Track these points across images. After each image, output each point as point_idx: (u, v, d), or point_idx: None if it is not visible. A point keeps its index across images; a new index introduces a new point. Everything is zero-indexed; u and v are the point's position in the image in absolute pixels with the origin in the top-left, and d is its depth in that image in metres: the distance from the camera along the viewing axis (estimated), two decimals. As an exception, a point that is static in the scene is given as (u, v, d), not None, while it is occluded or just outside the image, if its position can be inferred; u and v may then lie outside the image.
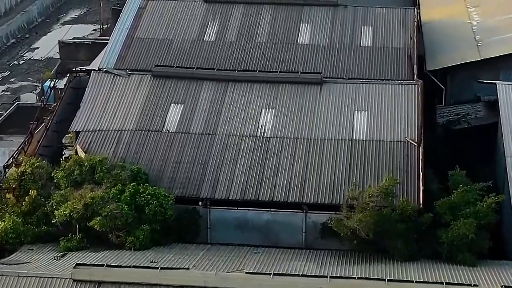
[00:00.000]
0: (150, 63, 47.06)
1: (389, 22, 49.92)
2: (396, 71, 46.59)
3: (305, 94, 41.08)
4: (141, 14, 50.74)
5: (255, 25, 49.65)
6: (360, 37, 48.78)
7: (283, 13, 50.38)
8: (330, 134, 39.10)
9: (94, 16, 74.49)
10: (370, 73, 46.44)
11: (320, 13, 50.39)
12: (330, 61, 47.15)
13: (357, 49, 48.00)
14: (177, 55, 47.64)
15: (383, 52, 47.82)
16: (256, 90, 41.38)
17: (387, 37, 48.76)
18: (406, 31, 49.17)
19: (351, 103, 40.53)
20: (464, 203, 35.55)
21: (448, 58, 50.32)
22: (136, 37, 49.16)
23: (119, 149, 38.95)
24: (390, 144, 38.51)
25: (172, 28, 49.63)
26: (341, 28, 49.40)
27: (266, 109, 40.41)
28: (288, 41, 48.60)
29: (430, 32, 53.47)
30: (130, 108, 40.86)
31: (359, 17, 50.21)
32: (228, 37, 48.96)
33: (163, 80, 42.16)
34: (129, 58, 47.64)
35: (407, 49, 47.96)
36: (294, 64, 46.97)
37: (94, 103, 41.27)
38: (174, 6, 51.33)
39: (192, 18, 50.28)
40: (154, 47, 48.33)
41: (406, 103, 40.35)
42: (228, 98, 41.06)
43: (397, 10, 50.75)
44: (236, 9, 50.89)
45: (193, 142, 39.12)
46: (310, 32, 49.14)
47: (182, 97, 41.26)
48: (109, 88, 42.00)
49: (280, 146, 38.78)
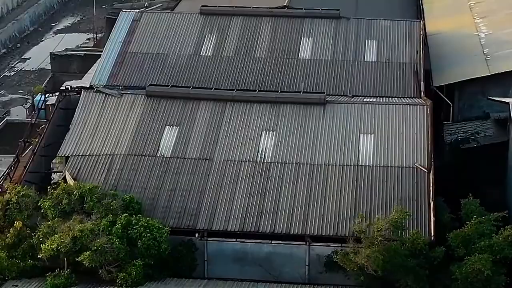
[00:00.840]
0: (144, 80, 44.65)
1: (394, 35, 47.43)
2: (402, 88, 44.17)
3: (307, 115, 38.51)
4: (135, 27, 48.24)
5: (254, 39, 47.15)
6: (364, 52, 46.30)
7: (283, 26, 47.89)
8: (335, 159, 36.53)
9: (88, 24, 71.85)
10: (375, 90, 44.02)
11: (322, 26, 47.90)
12: (332, 77, 44.70)
13: (361, 65, 45.54)
14: (173, 71, 45.19)
15: (388, 67, 45.37)
16: (255, 111, 38.79)
17: (392, 52, 46.28)
18: (412, 45, 46.70)
19: (356, 125, 37.96)
20: (478, 236, 33.04)
21: (456, 73, 47.73)
22: (129, 51, 46.67)
23: (110, 176, 36.38)
24: (398, 170, 35.94)
25: (168, 42, 47.13)
26: (344, 42, 46.92)
27: (266, 132, 37.85)
28: (288, 55, 46.11)
29: (436, 44, 50.87)
30: (123, 130, 38.27)
31: (363, 30, 47.72)
32: (226, 52, 46.46)
33: (157, 100, 39.56)
34: (122, 74, 45.20)
35: (413, 64, 45.52)
36: (295, 80, 44.55)
37: (85, 125, 38.68)
38: (169, 19, 48.85)
39: (189, 31, 47.79)
40: (149, 63, 45.87)
41: (415, 126, 37.79)
42: (226, 120, 38.48)
43: (402, 23, 48.28)
44: (234, 21, 48.38)
45: (189, 168, 36.54)
46: (311, 47, 46.65)
47: (178, 119, 38.69)
48: (101, 109, 39.41)
49: (282, 172, 36.20)
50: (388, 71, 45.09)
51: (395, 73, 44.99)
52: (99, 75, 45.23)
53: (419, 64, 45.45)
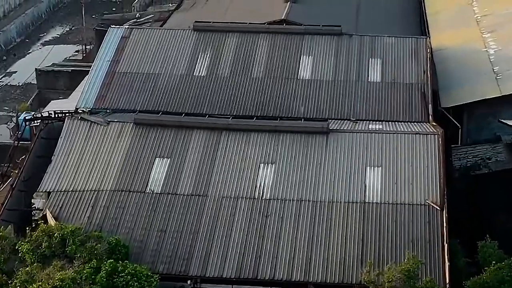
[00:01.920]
0: (134, 102, 41.32)
1: (399, 53, 44.09)
2: (408, 111, 40.83)
3: (309, 145, 35.18)
4: (124, 45, 44.83)
5: (251, 57, 43.76)
6: (367, 71, 42.94)
7: (281, 43, 44.48)
8: (339, 195, 33.20)
9: (77, 35, 68.27)
10: (380, 114, 40.68)
11: (322, 44, 44.53)
12: (334, 99, 41.33)
13: (365, 85, 42.18)
14: (164, 93, 41.78)
15: (394, 88, 42.03)
16: (253, 141, 35.43)
17: (397, 71, 42.93)
18: (419, 64, 43.37)
19: (362, 157, 34.62)
20: (498, 283, 29.86)
21: (465, 93, 44.44)
22: (118, 71, 43.27)
23: (95, 214, 33.00)
24: (408, 208, 32.64)
25: (159, 61, 43.73)
26: (346, 60, 43.55)
27: (264, 165, 34.52)
28: (287, 75, 42.74)
29: (443, 60, 47.54)
30: (109, 163, 34.89)
31: (366, 48, 44.36)
32: (221, 71, 43.08)
33: (146, 129, 36.18)
34: (110, 97, 41.80)
35: (420, 85, 42.20)
36: (294, 103, 41.15)
37: (68, 157, 35.30)
38: (160, 35, 45.42)
39: (181, 49, 44.38)
40: (138, 83, 42.46)
41: (425, 157, 34.46)
42: (221, 151, 35.12)
43: (408, 40, 44.92)
44: (230, 38, 44.99)
45: (181, 206, 33.17)
46: (312, 66, 43.30)
47: (168, 150, 35.31)
48: (85, 139, 36.01)
49: (282, 210, 32.85)
50: (394, 93, 41.77)
51: (401, 95, 41.67)
52: (86, 98, 41.87)
53: (427, 85, 42.13)
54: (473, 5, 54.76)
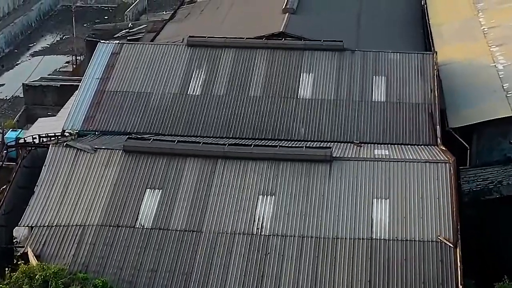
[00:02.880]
0: (124, 124, 38.82)
1: (404, 70, 41.45)
2: (415, 134, 38.25)
3: (311, 175, 32.44)
4: (114, 62, 42.17)
5: (249, 75, 41.11)
6: (371, 90, 40.32)
7: (280, 60, 41.82)
8: (344, 231, 30.48)
9: (68, 45, 65.44)
10: (385, 136, 38.11)
11: (323, 60, 41.87)
12: (337, 121, 38.75)
13: (369, 106, 39.57)
14: (156, 114, 39.19)
15: (399, 109, 39.42)
16: (251, 170, 32.68)
17: (403, 90, 40.31)
18: (425, 82, 40.74)
19: (368, 188, 31.90)
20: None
21: (474, 112, 41.77)
22: (107, 90, 40.65)
23: (81, 252, 30.23)
24: (419, 245, 29.92)
25: (151, 78, 41.07)
26: (348, 78, 40.91)
27: (263, 197, 31.80)
28: (287, 94, 40.12)
29: (449, 77, 44.85)
30: (96, 195, 32.12)
31: (370, 64, 41.70)
32: (217, 90, 40.44)
33: (136, 157, 33.41)
34: (99, 117, 39.23)
35: (427, 104, 39.59)
36: (294, 124, 38.61)
37: (52, 189, 32.55)
38: (153, 51, 42.73)
39: (174, 66, 41.72)
40: (129, 103, 39.86)
41: (436, 189, 31.74)
42: (217, 182, 32.37)
43: (413, 56, 42.26)
44: (226, 54, 42.31)
45: (174, 243, 30.41)
46: (312, 84, 40.65)
47: (160, 180, 32.58)
48: (71, 168, 33.24)
49: (282, 248, 30.10)
50: (399, 114, 39.16)
51: (407, 115, 39.07)
52: (73, 119, 39.33)
53: (434, 105, 39.53)
54: (479, 16, 52.15)
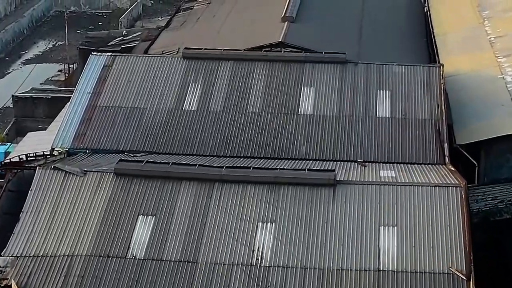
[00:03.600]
0: (116, 141, 36.81)
1: (409, 84, 39.39)
2: (422, 152, 36.21)
3: (314, 201, 30.38)
4: (106, 75, 40.13)
5: (247, 89, 39.07)
6: (375, 105, 38.28)
7: (280, 73, 39.78)
8: (350, 262, 28.39)
9: (61, 53, 63.27)
10: (391, 155, 36.08)
11: (325, 73, 39.81)
12: (339, 138, 36.69)
13: (373, 122, 37.52)
14: (150, 131, 37.15)
15: (405, 125, 37.38)
16: (250, 195, 30.60)
17: (408, 105, 38.27)
18: (432, 96, 38.70)
19: (374, 214, 29.83)
20: None
21: (482, 128, 39.71)
22: (99, 105, 38.61)
23: (68, 285, 28.08)
24: (429, 278, 27.84)
25: (145, 93, 39.03)
26: (352, 93, 38.86)
27: (263, 224, 29.73)
28: (287, 110, 38.07)
29: (456, 89, 42.78)
30: (85, 222, 30.02)
31: (374, 78, 39.66)
32: (214, 105, 38.40)
33: (128, 180, 31.31)
34: (90, 135, 37.20)
35: (434, 120, 37.57)
36: (295, 142, 36.57)
37: (38, 215, 30.46)
38: (147, 64, 40.66)
39: (169, 79, 39.67)
40: (122, 119, 37.81)
41: (447, 216, 29.66)
42: (213, 207, 30.31)
43: (419, 69, 40.18)
44: (223, 67, 40.26)
45: (167, 275, 28.28)
46: (313, 99, 38.60)
47: (154, 206, 30.49)
48: (59, 193, 31.12)
49: (283, 280, 27.95)
50: (405, 130, 37.13)
51: (413, 132, 37.03)
52: (63, 136, 37.32)
53: (441, 121, 37.50)
54: (485, 24, 50.11)
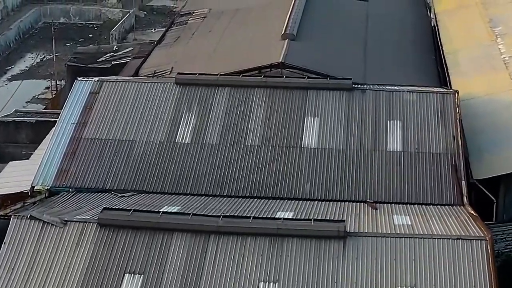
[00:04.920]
0: (102, 179, 33.35)
1: (422, 114, 35.82)
2: (437, 191, 32.71)
3: (321, 256, 26.75)
4: (93, 103, 36.56)
5: (245, 119, 35.53)
6: (386, 138, 34.71)
7: (281, 101, 36.24)
8: (363, 330, 24.95)
9: (49, 68, 59.48)
10: (403, 194, 32.61)
11: (330, 101, 36.27)
12: (347, 175, 33.18)
13: (383, 156, 33.98)
14: (139, 167, 33.64)
15: (418, 160, 33.83)
16: (249, 250, 26.94)
17: (421, 137, 34.71)
18: (447, 127, 35.15)
19: (390, 273, 26.15)
20: None
21: (501, 160, 36.22)
22: (84, 137, 35.05)
23: None
24: None
25: (134, 123, 35.47)
26: (360, 123, 35.30)
27: (264, 284, 26.14)
28: (289, 143, 34.52)
29: (470, 116, 39.19)
30: (64, 281, 26.38)
31: (383, 106, 36.09)
32: (209, 138, 34.84)
33: (114, 232, 27.63)
34: (74, 171, 33.66)
35: (450, 155, 34.02)
36: (298, 179, 33.10)
37: (13, 272, 26.80)
38: (137, 90, 37.08)
39: (161, 108, 36.12)
40: (108, 154, 34.27)
41: (472, 274, 26.09)
42: (209, 264, 26.59)
43: (432, 96, 36.59)
44: (220, 94, 36.69)
45: None
46: (318, 130, 35.05)
47: (142, 262, 26.81)
48: (36, 246, 27.40)
49: None
50: (418, 166, 33.60)
51: (427, 168, 33.51)
52: (44, 173, 33.80)
53: (458, 155, 33.96)
54: (497, 42, 46.51)
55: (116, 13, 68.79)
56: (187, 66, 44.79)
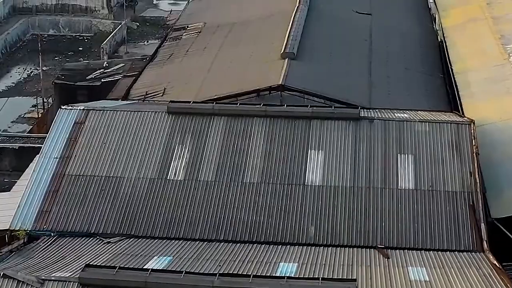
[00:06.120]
0: (86, 222, 30.22)
1: (435, 146, 32.59)
2: (454, 235, 29.61)
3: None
4: (77, 134, 33.31)
5: (243, 153, 32.31)
6: (397, 174, 31.47)
7: (282, 132, 33.02)
8: None
9: (36, 83, 56.10)
10: (416, 239, 29.49)
11: (336, 132, 33.03)
12: (355, 217, 30.05)
13: (394, 195, 30.79)
14: (127, 207, 30.52)
15: (432, 199, 30.65)
16: (249, 314, 23.81)
17: (435, 174, 31.49)
18: (463, 162, 31.92)
19: None
20: None
21: (521, 197, 33.08)
22: (67, 173, 31.84)
23: None
24: None
25: (122, 158, 32.25)
26: (368, 157, 32.08)
27: None
28: (291, 180, 31.31)
29: (485, 145, 35.60)
30: None
31: (393, 138, 32.82)
32: (204, 174, 31.63)
33: (98, 292, 24.50)
34: (56, 213, 30.53)
35: (467, 193, 30.83)
36: (301, 221, 29.96)
37: None
38: (126, 121, 33.81)
39: (152, 141, 32.89)
40: (94, 192, 31.10)
41: None
42: (204, 331, 23.51)
43: (446, 126, 33.35)
44: (215, 124, 33.45)
45: None
46: (323, 165, 31.82)
47: (128, 330, 23.69)
48: (9, 309, 24.32)
49: None
50: (432, 206, 30.42)
51: (442, 208, 30.34)
52: (23, 214, 30.66)
53: (476, 194, 30.77)
54: (510, 61, 43.30)
55: (107, 24, 65.42)
56: (180, 88, 41.81)
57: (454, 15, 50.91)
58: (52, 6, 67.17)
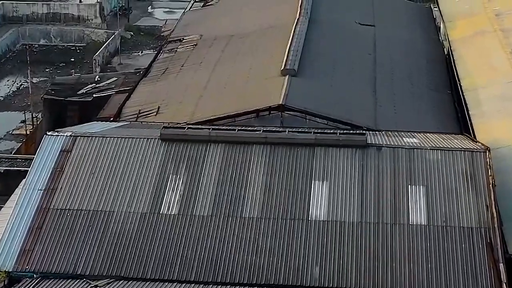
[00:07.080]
0: (72, 262, 27.77)
1: (448, 176, 30.04)
2: (470, 276, 27.10)
3: None
4: (64, 163, 30.79)
5: (242, 185, 29.78)
6: (407, 208, 28.96)
7: (284, 161, 30.49)
8: None
9: (26, 97, 53.49)
10: (430, 281, 26.99)
11: (342, 161, 30.49)
12: (363, 256, 27.56)
13: (405, 231, 28.29)
14: (117, 245, 28.07)
15: (446, 236, 28.17)
16: None
17: (449, 207, 28.98)
18: (478, 194, 29.40)
19: None
20: None
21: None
22: (52, 207, 29.34)
23: None
24: None
25: (111, 190, 29.72)
26: (376, 189, 29.55)
27: None
28: (294, 215, 28.83)
29: (499, 171, 33.20)
30: None
31: (403, 168, 30.27)
32: (199, 208, 29.14)
33: None
34: (39, 252, 28.06)
35: (484, 229, 28.33)
36: (305, 261, 27.44)
37: None
38: (116, 148, 31.25)
39: (144, 171, 30.36)
40: (81, 229, 28.61)
41: None
42: None
43: (459, 155, 30.76)
44: (212, 152, 30.92)
45: None
46: (328, 198, 29.31)
47: None
48: None
49: None
50: (446, 243, 27.94)
51: (457, 246, 27.85)
52: (4, 253, 28.22)
53: (493, 229, 28.27)
54: (521, 78, 40.80)
55: (100, 34, 62.77)
56: (174, 107, 39.31)
57: (461, 27, 48.42)
58: (43, 15, 64.56)
